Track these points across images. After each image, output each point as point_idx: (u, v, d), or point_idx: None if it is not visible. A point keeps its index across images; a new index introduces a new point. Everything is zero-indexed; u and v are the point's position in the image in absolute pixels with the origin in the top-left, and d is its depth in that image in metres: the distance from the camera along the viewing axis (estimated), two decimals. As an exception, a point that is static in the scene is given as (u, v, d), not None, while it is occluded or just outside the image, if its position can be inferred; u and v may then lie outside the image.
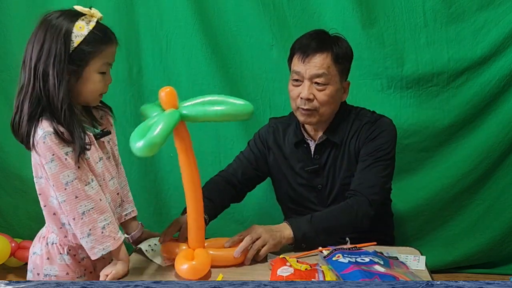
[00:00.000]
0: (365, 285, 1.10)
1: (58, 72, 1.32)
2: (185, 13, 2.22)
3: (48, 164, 1.35)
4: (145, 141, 1.24)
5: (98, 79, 1.39)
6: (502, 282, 1.07)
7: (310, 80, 1.67)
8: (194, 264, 1.39)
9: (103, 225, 1.37)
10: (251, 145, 1.91)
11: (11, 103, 2.56)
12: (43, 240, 1.51)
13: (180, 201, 2.30)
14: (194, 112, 1.37)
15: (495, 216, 2.23)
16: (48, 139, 1.33)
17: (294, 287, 1.09)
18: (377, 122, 1.75)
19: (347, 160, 1.73)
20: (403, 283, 1.12)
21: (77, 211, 1.36)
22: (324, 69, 1.66)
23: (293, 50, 1.74)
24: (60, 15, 1.37)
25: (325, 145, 1.76)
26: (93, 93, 1.41)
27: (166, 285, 1.12)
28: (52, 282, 1.20)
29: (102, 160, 1.45)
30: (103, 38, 1.37)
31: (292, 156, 1.81)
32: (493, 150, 2.16)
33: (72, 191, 1.35)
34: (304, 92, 1.67)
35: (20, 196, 2.53)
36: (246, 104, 1.41)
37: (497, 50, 2.08)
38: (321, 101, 1.68)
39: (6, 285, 1.09)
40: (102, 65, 1.39)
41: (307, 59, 1.67)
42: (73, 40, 1.34)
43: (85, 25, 1.35)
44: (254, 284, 1.09)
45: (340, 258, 1.38)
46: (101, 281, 1.37)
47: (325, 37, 1.72)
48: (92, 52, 1.35)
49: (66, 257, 1.48)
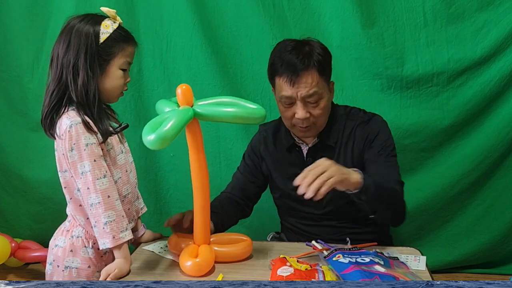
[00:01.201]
0: (365, 285, 1.10)
1: (90, 65, 1.44)
2: (185, 13, 2.22)
3: (69, 152, 1.43)
4: (156, 134, 1.28)
5: (120, 75, 1.50)
6: (502, 282, 1.07)
7: (303, 101, 1.64)
8: (198, 261, 1.41)
9: (105, 221, 1.41)
10: (245, 157, 1.90)
11: (11, 103, 2.59)
12: (68, 234, 1.54)
13: (180, 201, 2.32)
14: (208, 111, 1.41)
15: (495, 216, 2.23)
16: (74, 129, 1.42)
17: (294, 287, 1.09)
18: (371, 121, 1.74)
19: (342, 161, 1.69)
20: (403, 283, 1.13)
21: (87, 201, 1.43)
22: (314, 88, 1.63)
23: (275, 69, 1.67)
24: (84, 17, 1.49)
25: (318, 148, 1.75)
26: (115, 90, 1.51)
27: (166, 285, 1.12)
28: (52, 282, 1.20)
29: (123, 153, 1.54)
30: (126, 37, 1.50)
31: (285, 161, 1.80)
32: (493, 150, 2.16)
33: (85, 182, 1.43)
34: (299, 113, 1.64)
35: (20, 196, 2.53)
36: (259, 108, 1.44)
37: (497, 50, 2.08)
38: (317, 116, 1.67)
39: (6, 285, 1.09)
40: (124, 62, 1.50)
41: (296, 81, 1.62)
42: (101, 36, 1.46)
43: (111, 25, 1.48)
44: (254, 284, 1.09)
45: (340, 258, 1.39)
46: (101, 281, 1.38)
47: (304, 51, 1.66)
48: (116, 48, 1.48)
49: (90, 250, 1.52)
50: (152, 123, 1.33)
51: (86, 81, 1.44)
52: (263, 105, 2.21)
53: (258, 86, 2.24)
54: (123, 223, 1.44)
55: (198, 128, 1.43)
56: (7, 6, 2.39)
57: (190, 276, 1.42)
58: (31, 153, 2.49)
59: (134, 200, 1.61)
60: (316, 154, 1.73)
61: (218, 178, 2.31)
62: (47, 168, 2.46)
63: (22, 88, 2.44)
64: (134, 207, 1.60)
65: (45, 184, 2.47)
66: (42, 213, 2.51)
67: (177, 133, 1.31)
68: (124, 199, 1.52)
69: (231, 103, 1.47)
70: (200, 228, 1.49)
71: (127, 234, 1.44)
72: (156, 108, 1.49)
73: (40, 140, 2.46)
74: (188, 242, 1.52)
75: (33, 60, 2.41)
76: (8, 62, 2.44)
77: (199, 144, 1.44)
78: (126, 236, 1.44)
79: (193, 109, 1.39)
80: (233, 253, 1.51)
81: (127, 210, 1.53)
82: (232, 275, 1.43)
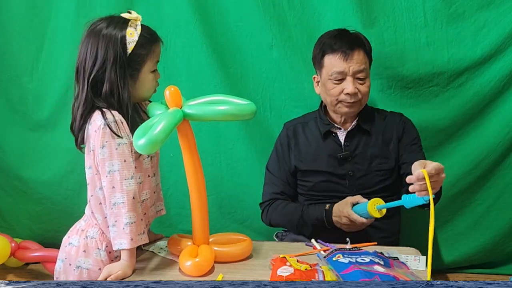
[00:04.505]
0: (365, 285, 1.10)
1: (120, 77, 1.44)
2: (185, 13, 2.22)
3: (99, 149, 1.43)
4: (146, 139, 1.29)
5: (152, 77, 1.52)
6: (502, 282, 1.07)
7: (353, 76, 1.80)
8: (198, 261, 1.42)
9: (126, 222, 1.42)
10: (278, 154, 1.96)
11: (11, 103, 2.59)
12: (82, 233, 1.55)
13: (180, 201, 2.32)
14: (198, 111, 1.41)
15: (495, 216, 2.23)
16: (107, 127, 1.42)
17: (294, 287, 1.09)
18: (402, 115, 1.95)
19: (380, 147, 1.86)
20: (403, 283, 1.13)
21: (110, 200, 1.43)
22: (364, 64, 1.82)
23: (324, 50, 1.84)
24: (108, 24, 1.46)
25: (355, 132, 1.88)
26: (149, 91, 1.54)
27: (166, 285, 1.12)
28: (52, 282, 1.20)
29: (149, 157, 1.54)
30: (151, 39, 1.50)
31: (319, 148, 1.89)
32: (493, 150, 2.16)
33: (111, 180, 1.43)
34: (349, 88, 1.79)
35: (20, 196, 2.53)
36: (249, 104, 1.45)
37: (497, 50, 2.08)
38: (363, 93, 1.83)
39: (6, 285, 1.09)
40: (154, 64, 1.52)
41: (349, 56, 1.80)
42: (128, 47, 1.45)
43: (134, 31, 1.46)
44: (254, 284, 1.09)
45: (340, 258, 1.39)
46: (101, 281, 1.38)
47: (355, 35, 1.87)
48: (145, 54, 1.48)
49: (102, 253, 1.52)
50: (142, 127, 1.35)
51: (117, 92, 1.44)
52: (263, 105, 2.25)
53: (258, 86, 2.24)
54: (142, 226, 1.45)
55: (190, 129, 1.43)
56: (7, 6, 2.38)
57: (190, 276, 1.42)
58: (30, 153, 2.48)
59: (151, 205, 1.60)
60: (353, 138, 1.87)
61: (218, 178, 2.31)
62: (47, 169, 2.46)
63: (21, 88, 2.44)
64: (150, 212, 1.61)
65: (44, 184, 2.47)
66: (42, 213, 2.51)
67: (166, 136, 1.31)
68: (142, 203, 1.52)
69: (221, 101, 1.47)
70: (199, 228, 1.49)
71: (144, 238, 1.45)
72: (147, 111, 1.51)
73: (39, 140, 2.46)
74: (188, 242, 1.52)
75: (33, 60, 2.40)
76: (7, 62, 2.43)
77: (191, 145, 1.44)
78: (142, 239, 1.45)
79: (182, 111, 1.39)
80: (233, 253, 1.51)
81: (144, 215, 1.52)
82: (232, 275, 1.43)
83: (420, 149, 1.90)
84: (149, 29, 1.51)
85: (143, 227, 1.46)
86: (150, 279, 1.41)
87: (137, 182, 1.48)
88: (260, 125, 2.24)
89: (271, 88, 2.24)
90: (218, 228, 2.13)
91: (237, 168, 2.30)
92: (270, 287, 1.09)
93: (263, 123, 2.24)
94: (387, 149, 1.87)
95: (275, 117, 2.23)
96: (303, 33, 2.17)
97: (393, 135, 1.88)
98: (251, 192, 2.22)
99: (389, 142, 1.87)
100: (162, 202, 1.72)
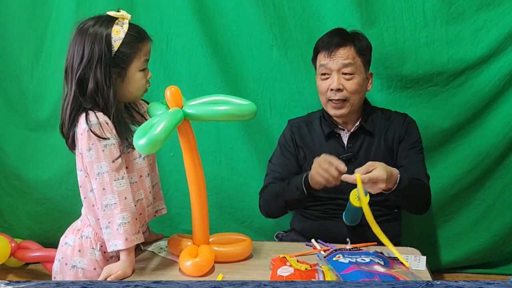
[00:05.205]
0: (365, 285, 1.11)
1: (105, 75, 1.42)
2: (185, 13, 2.21)
3: (86, 152, 1.42)
4: (147, 139, 1.29)
5: (141, 76, 1.50)
6: (502, 282, 1.07)
7: (338, 72, 1.80)
8: (198, 261, 1.42)
9: (120, 222, 1.41)
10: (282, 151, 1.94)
11: (11, 103, 2.58)
12: (78, 233, 1.55)
13: (180, 201, 2.32)
14: (198, 111, 1.41)
15: (495, 216, 2.23)
16: (93, 129, 1.41)
17: (294, 287, 1.09)
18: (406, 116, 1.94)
19: (383, 148, 1.85)
20: (403, 283, 1.13)
21: (101, 202, 1.43)
22: (350, 59, 1.80)
23: (317, 49, 1.88)
24: (95, 23, 1.44)
25: (358, 133, 1.88)
26: (139, 90, 1.52)
27: (166, 285, 1.12)
28: (52, 282, 1.20)
29: (141, 157, 1.52)
30: (139, 37, 1.47)
31: (322, 148, 1.86)
32: (493, 150, 2.16)
33: (101, 182, 1.42)
34: (334, 83, 1.79)
35: (20, 196, 2.53)
36: (250, 104, 1.45)
37: (497, 50, 2.08)
38: (350, 90, 1.80)
39: (6, 285, 1.09)
40: (142, 63, 1.49)
41: (333, 53, 1.80)
42: (113, 45, 1.43)
43: (121, 29, 1.44)
44: (254, 284, 1.09)
45: (340, 258, 1.39)
46: (101, 281, 1.38)
47: (346, 33, 1.87)
48: (132, 52, 1.45)
49: (97, 253, 1.52)
50: (143, 127, 1.34)
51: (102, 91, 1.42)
52: (263, 105, 2.25)
53: (258, 86, 2.24)
54: (136, 226, 1.45)
55: (190, 129, 1.43)
56: (6, 6, 2.38)
57: (190, 276, 1.42)
58: (30, 153, 2.48)
59: (148, 205, 1.59)
60: (356, 140, 1.87)
61: (218, 178, 2.31)
62: (47, 168, 2.46)
63: (21, 88, 2.44)
64: (146, 212, 1.59)
65: (44, 184, 2.47)
66: (42, 213, 2.51)
67: (167, 136, 1.31)
68: (137, 203, 1.51)
69: (221, 101, 1.46)
70: (199, 228, 1.49)
71: (139, 237, 1.45)
72: (148, 111, 1.51)
73: (39, 140, 2.45)
74: (188, 242, 1.52)
75: (32, 60, 2.40)
76: (7, 62, 2.43)
77: (192, 145, 1.43)
78: (137, 239, 1.44)
79: (182, 111, 1.39)
80: (233, 253, 1.51)
81: (139, 215, 1.52)
82: (232, 275, 1.43)
83: (419, 153, 1.89)
84: (137, 28, 1.49)
85: (138, 226, 1.45)
86: (150, 279, 1.41)
87: (129, 182, 1.47)
88: (260, 125, 2.24)
89: (271, 88, 2.24)
90: (218, 228, 2.13)
91: (237, 168, 2.30)
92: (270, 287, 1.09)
93: (263, 123, 2.24)
94: (389, 150, 1.87)
95: (275, 117, 2.23)
96: (303, 33, 2.17)
97: (395, 136, 1.88)
98: (251, 192, 2.22)
99: (391, 143, 1.88)
100: (162, 201, 1.71)
